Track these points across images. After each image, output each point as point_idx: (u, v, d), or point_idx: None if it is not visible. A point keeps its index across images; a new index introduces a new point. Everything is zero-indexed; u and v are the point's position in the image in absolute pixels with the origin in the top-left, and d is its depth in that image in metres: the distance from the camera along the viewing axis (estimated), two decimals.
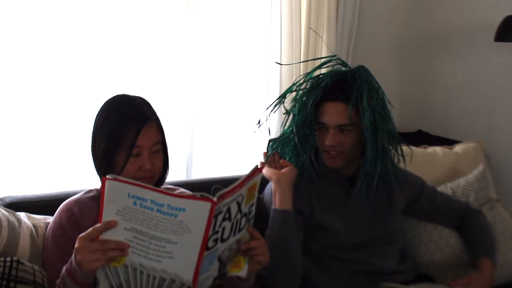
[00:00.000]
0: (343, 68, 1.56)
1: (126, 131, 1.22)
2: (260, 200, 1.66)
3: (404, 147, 1.61)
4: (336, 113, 1.47)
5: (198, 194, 0.95)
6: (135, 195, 0.96)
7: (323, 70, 1.60)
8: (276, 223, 1.50)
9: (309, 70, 2.29)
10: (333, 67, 1.58)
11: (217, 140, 2.28)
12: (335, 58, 1.60)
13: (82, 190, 1.39)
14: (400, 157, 1.59)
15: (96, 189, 1.37)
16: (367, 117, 1.44)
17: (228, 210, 0.99)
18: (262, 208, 1.65)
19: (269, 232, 1.50)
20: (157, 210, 0.95)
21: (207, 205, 0.93)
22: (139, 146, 1.23)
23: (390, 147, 1.54)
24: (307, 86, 1.56)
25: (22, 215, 1.39)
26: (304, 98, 1.54)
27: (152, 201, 0.95)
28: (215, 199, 0.94)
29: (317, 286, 1.56)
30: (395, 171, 1.56)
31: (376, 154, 1.48)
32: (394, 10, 2.68)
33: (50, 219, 1.37)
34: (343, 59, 2.37)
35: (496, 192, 2.04)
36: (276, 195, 1.51)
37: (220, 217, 0.98)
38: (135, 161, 1.24)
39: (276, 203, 1.51)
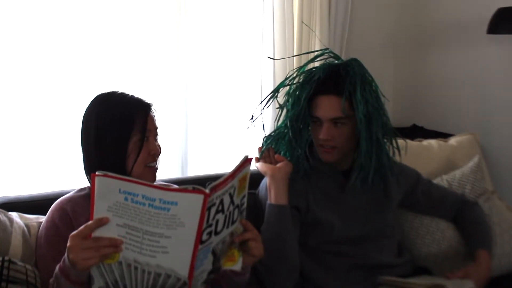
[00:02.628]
0: (336, 61, 1.56)
1: (137, 116, 1.25)
2: (255, 195, 1.65)
3: (399, 140, 1.61)
4: (330, 107, 1.46)
5: (190, 186, 0.94)
6: (126, 190, 0.94)
7: (317, 64, 1.59)
8: (271, 218, 1.49)
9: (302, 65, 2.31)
10: (325, 61, 1.57)
11: (211, 136, 2.27)
12: (327, 51, 1.59)
13: (74, 190, 1.37)
14: (396, 150, 1.58)
15: (88, 187, 1.36)
16: (360, 110, 1.43)
17: (221, 202, 0.98)
18: (257, 203, 1.64)
19: (265, 226, 1.49)
20: (149, 205, 0.93)
21: (199, 198, 0.92)
22: (149, 129, 1.27)
23: (385, 140, 1.54)
24: (300, 80, 1.55)
25: (14, 215, 1.38)
26: (297, 92, 1.53)
27: (143, 196, 0.93)
28: (207, 191, 0.93)
29: (314, 281, 1.55)
30: (390, 164, 1.55)
31: (370, 146, 1.47)
32: (387, 5, 2.67)
33: (42, 218, 1.36)
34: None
35: (492, 184, 2.04)
36: (271, 190, 1.50)
37: (213, 210, 0.97)
38: (145, 146, 1.26)
39: (271, 198, 1.50)
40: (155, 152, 1.29)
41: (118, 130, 1.24)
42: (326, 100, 1.47)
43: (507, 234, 1.80)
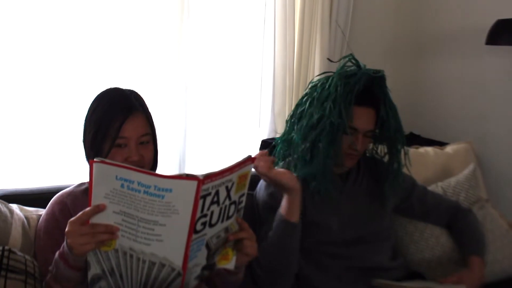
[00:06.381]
0: (364, 70, 1.52)
1: (111, 122, 1.22)
2: (252, 197, 1.66)
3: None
4: (368, 119, 1.51)
5: (184, 174, 0.94)
6: (122, 177, 0.95)
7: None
8: (279, 231, 1.47)
9: (301, 72, 2.34)
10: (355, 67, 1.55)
11: (210, 137, 2.28)
12: (350, 57, 1.56)
13: (74, 184, 1.38)
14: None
15: (87, 182, 1.37)
16: (397, 120, 1.53)
17: (217, 193, 0.99)
18: (254, 204, 1.65)
19: (272, 237, 1.48)
20: (144, 192, 0.94)
21: (193, 184, 0.92)
22: (125, 137, 1.22)
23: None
24: (339, 89, 1.47)
25: (14, 206, 1.39)
26: (337, 102, 1.46)
27: (139, 183, 0.94)
28: (201, 177, 0.93)
29: (310, 281, 1.56)
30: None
31: (399, 154, 1.58)
32: (387, 13, 2.70)
33: (42, 211, 1.37)
34: (336, 61, 2.36)
35: (486, 193, 2.06)
36: (285, 203, 1.46)
37: (208, 200, 0.97)
38: (121, 152, 1.23)
39: (285, 211, 1.46)
40: (133, 159, 1.22)
41: (93, 132, 1.24)
42: (365, 111, 1.50)
43: (500, 241, 1.82)
